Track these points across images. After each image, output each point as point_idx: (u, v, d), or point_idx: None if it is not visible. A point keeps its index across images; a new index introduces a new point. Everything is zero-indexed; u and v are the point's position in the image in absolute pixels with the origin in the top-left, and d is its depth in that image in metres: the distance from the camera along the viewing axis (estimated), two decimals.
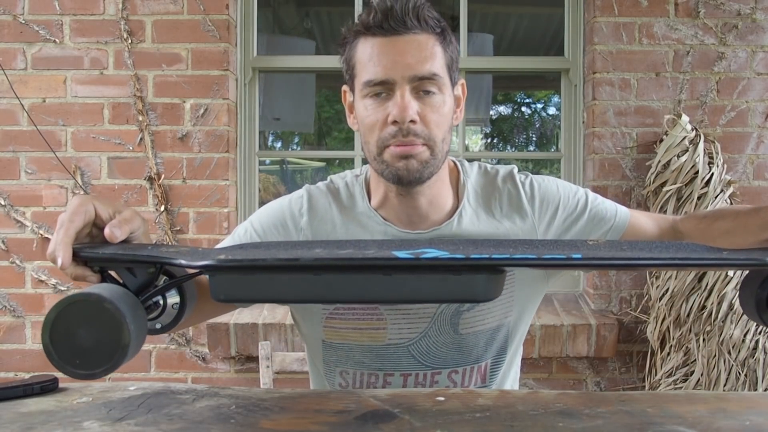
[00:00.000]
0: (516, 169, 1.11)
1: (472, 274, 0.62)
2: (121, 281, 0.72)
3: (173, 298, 0.75)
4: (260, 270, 0.64)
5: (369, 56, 0.95)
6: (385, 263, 0.63)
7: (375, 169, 1.01)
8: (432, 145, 0.96)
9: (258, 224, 1.09)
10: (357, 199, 1.08)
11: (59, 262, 0.72)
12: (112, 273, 0.74)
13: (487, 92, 3.76)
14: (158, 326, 0.75)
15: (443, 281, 0.62)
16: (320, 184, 1.12)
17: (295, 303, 0.83)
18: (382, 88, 0.95)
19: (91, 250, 0.72)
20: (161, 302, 0.75)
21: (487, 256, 0.63)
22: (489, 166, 1.12)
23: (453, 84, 1.01)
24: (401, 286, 0.63)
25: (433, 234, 1.04)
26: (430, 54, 0.95)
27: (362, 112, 0.98)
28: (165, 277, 0.73)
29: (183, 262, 0.66)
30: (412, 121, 0.94)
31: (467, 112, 3.47)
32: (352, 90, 1.02)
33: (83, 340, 0.61)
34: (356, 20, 0.99)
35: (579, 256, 0.63)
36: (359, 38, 0.97)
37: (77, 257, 0.72)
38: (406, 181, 0.98)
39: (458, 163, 1.11)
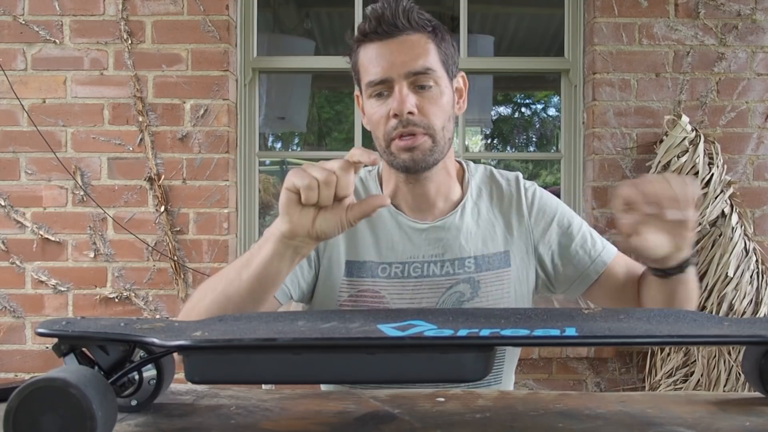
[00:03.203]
0: (521, 176, 1.18)
1: (460, 353, 0.60)
2: (93, 358, 0.69)
3: (150, 372, 0.73)
4: (237, 350, 0.61)
5: (369, 60, 1.04)
6: (368, 342, 0.61)
7: (385, 160, 1.09)
8: (432, 133, 1.03)
9: None
10: (371, 190, 1.15)
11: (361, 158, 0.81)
12: (85, 350, 0.71)
13: (487, 93, 3.76)
14: (134, 403, 0.72)
15: (429, 361, 0.60)
16: None
17: (276, 384, 0.81)
18: (383, 87, 1.03)
19: (62, 328, 0.68)
20: (137, 377, 0.72)
21: (476, 332, 0.62)
22: (497, 170, 1.19)
23: (451, 77, 1.07)
24: (385, 366, 0.61)
25: (438, 224, 1.10)
26: (423, 51, 1.02)
27: (369, 110, 1.07)
28: (141, 352, 0.70)
29: (156, 341, 0.63)
30: (411, 113, 1.01)
31: (470, 113, 3.47)
32: (362, 93, 1.09)
33: (48, 428, 0.57)
34: (355, 29, 1.07)
35: (573, 331, 0.62)
36: (360, 46, 1.06)
37: (48, 336, 0.69)
38: (413, 170, 1.05)
39: (464, 164, 1.18)
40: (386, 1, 1.03)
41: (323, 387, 1.12)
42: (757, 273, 2.24)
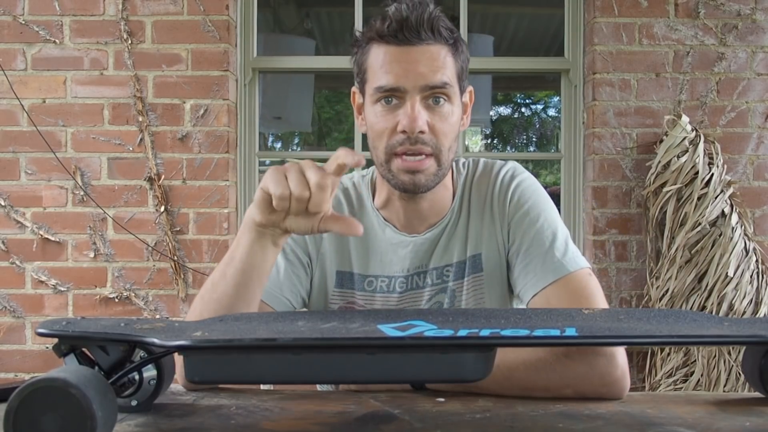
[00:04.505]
0: (508, 168, 1.08)
1: (460, 353, 0.60)
2: (94, 359, 0.70)
3: (150, 373, 0.73)
4: (237, 350, 0.61)
5: (381, 63, 0.96)
6: (368, 342, 0.61)
7: (381, 174, 1.03)
8: (438, 154, 0.98)
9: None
10: (364, 198, 1.10)
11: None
12: (85, 350, 0.71)
13: (485, 93, 3.75)
14: (134, 403, 0.72)
15: (429, 361, 0.60)
16: None
17: (276, 384, 0.82)
18: (393, 96, 0.96)
19: (62, 328, 0.68)
20: (137, 377, 0.72)
21: (476, 332, 0.62)
22: (486, 161, 1.11)
23: (462, 92, 1.02)
24: (385, 366, 0.61)
25: (425, 237, 1.05)
26: (442, 64, 0.96)
27: (372, 118, 0.99)
28: (141, 352, 0.70)
29: (156, 341, 0.63)
30: (421, 132, 0.95)
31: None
32: (362, 93, 1.03)
33: (48, 428, 0.57)
34: (370, 25, 0.99)
35: (573, 332, 0.62)
36: (372, 44, 0.98)
37: (48, 336, 0.69)
38: (411, 192, 1.00)
39: (453, 163, 1.10)
40: (412, 5, 0.95)
41: (322, 387, 1.12)
42: (757, 273, 2.24)
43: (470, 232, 1.05)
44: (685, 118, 2.29)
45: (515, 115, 4.53)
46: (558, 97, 2.66)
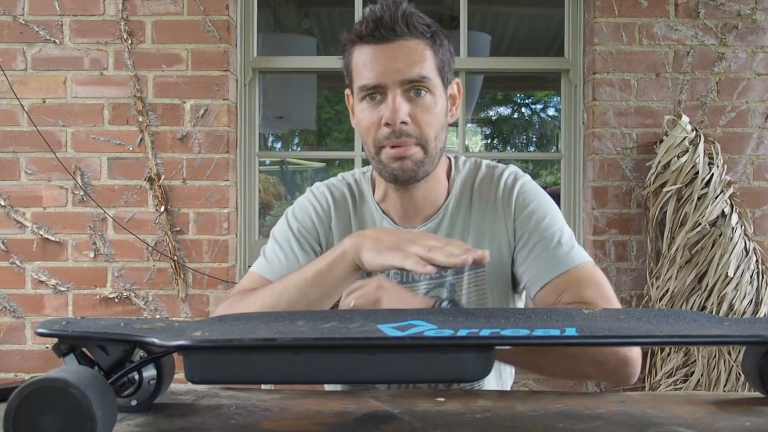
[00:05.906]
0: (510, 169, 1.11)
1: (460, 353, 0.60)
2: (94, 358, 0.70)
3: (150, 372, 0.73)
4: (237, 350, 0.62)
5: (363, 63, 1.01)
6: (368, 342, 0.61)
7: (374, 168, 1.08)
8: (424, 144, 1.02)
9: (297, 224, 1.14)
10: (365, 191, 1.15)
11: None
12: (85, 350, 0.71)
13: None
14: (134, 403, 0.73)
15: (429, 360, 0.60)
16: (332, 179, 1.19)
17: (276, 384, 0.83)
18: (376, 92, 1.01)
19: (62, 328, 0.68)
20: (137, 377, 0.73)
21: (475, 332, 0.62)
22: (488, 163, 1.15)
23: (446, 84, 1.05)
24: (385, 365, 0.61)
25: (421, 230, 1.09)
26: (420, 58, 1.00)
27: (360, 114, 1.05)
28: (141, 352, 0.71)
29: (156, 341, 0.63)
30: (404, 123, 0.99)
31: (464, 112, 3.47)
32: (353, 94, 1.08)
33: (48, 428, 0.57)
34: (352, 28, 1.04)
35: (573, 332, 0.62)
36: (354, 46, 1.03)
37: (48, 336, 0.69)
38: (401, 180, 1.04)
39: (452, 159, 1.15)
40: (386, 4, 1.00)
41: (329, 387, 1.12)
42: (757, 273, 2.24)
43: (471, 230, 1.08)
44: (685, 118, 2.29)
45: (515, 115, 4.53)
46: (558, 97, 2.66)
